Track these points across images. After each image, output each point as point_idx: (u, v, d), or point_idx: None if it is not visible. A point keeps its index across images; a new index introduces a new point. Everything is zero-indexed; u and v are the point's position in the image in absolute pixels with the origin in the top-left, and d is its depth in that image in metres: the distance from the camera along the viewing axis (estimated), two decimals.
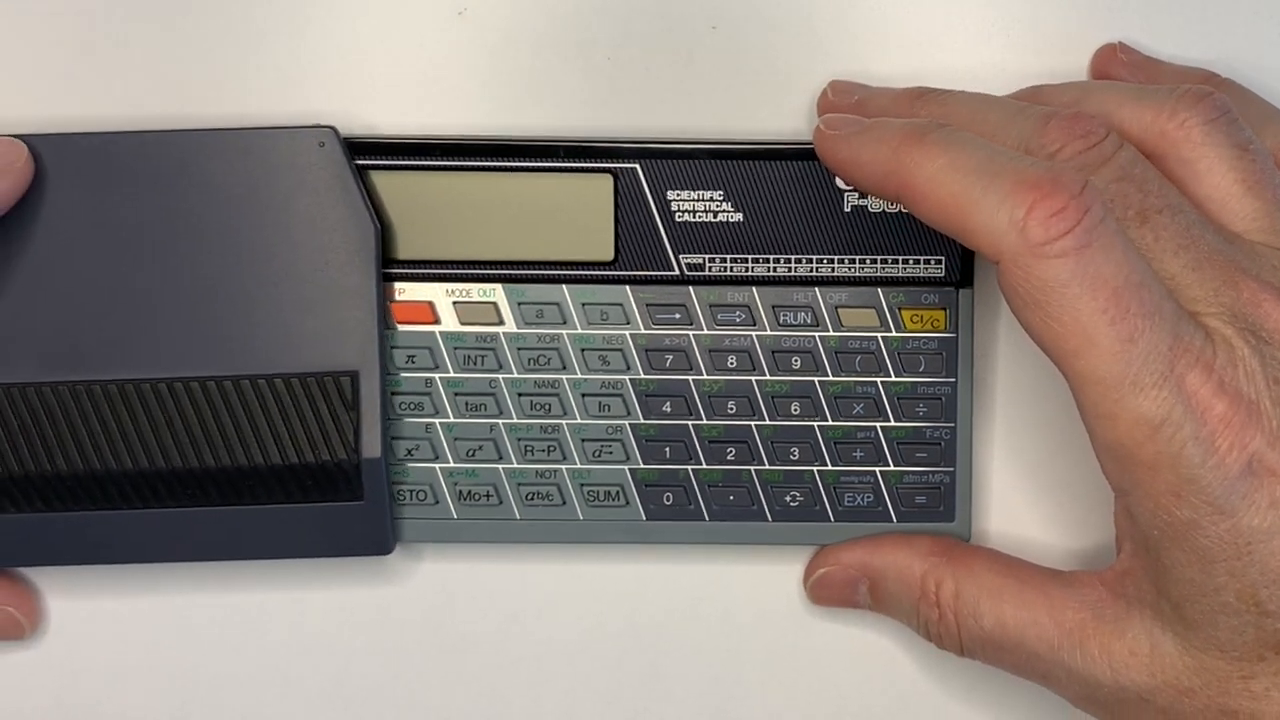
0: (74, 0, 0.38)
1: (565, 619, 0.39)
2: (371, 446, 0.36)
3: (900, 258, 0.37)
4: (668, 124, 0.38)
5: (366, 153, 0.37)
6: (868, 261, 0.37)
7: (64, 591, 0.39)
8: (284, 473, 0.36)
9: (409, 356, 0.38)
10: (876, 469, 0.38)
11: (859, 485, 0.38)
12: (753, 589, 0.39)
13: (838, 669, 0.39)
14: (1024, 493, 0.39)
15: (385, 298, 0.37)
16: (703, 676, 0.39)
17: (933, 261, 0.37)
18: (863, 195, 0.37)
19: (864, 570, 0.38)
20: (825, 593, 0.38)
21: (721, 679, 0.39)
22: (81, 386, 0.36)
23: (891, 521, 0.38)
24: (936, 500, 0.38)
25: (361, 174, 0.36)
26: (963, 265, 0.38)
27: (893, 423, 0.38)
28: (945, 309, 0.38)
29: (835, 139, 0.35)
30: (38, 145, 0.36)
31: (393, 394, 0.37)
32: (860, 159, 0.34)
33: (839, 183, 0.37)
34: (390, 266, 0.37)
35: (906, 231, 0.37)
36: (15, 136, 0.36)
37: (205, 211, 0.36)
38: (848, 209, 0.37)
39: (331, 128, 0.36)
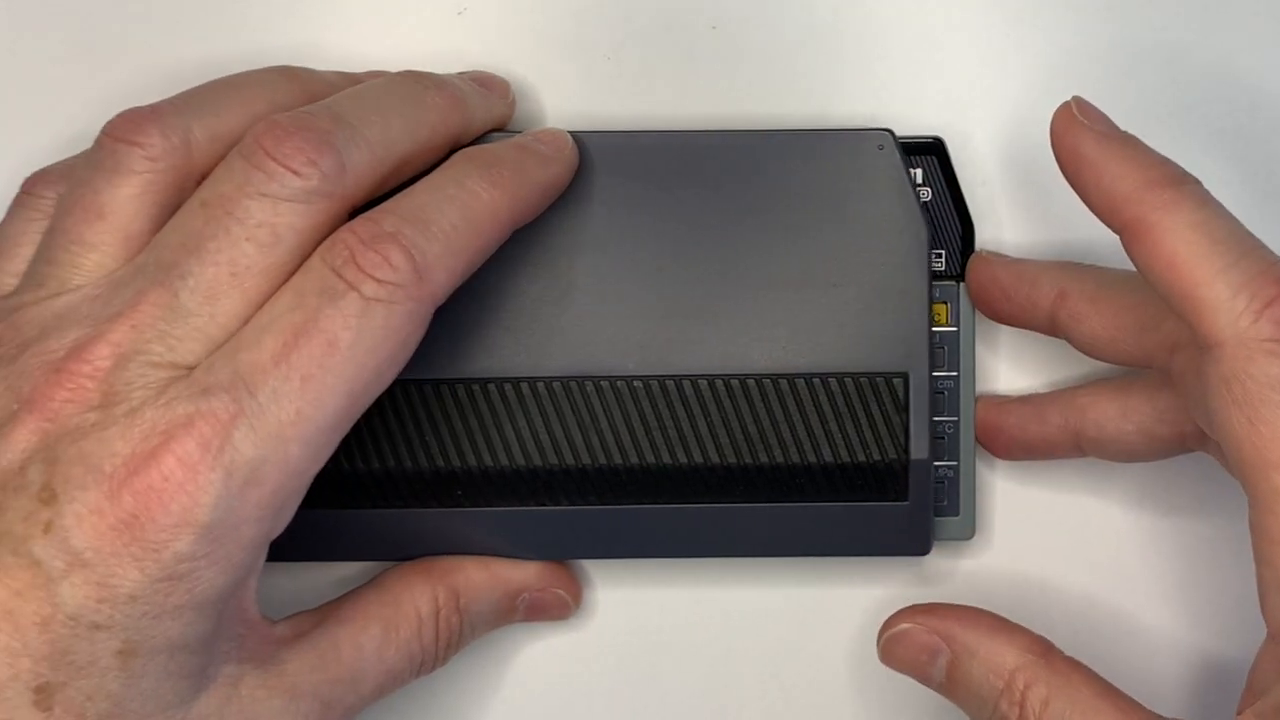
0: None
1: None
2: (919, 448, 0.36)
3: None
4: (667, 124, 0.38)
5: None
6: None
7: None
8: (833, 471, 0.36)
9: None
10: None
11: None
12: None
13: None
14: (1027, 485, 0.39)
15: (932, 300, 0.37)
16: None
17: (933, 256, 0.37)
18: None
19: (950, 640, 0.34)
20: (900, 651, 0.35)
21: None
22: (632, 382, 0.36)
23: None
24: (939, 495, 0.38)
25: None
26: (963, 260, 0.38)
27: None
28: (946, 303, 0.38)
29: (1085, 130, 0.33)
30: (587, 141, 0.36)
31: None
32: (1108, 168, 0.32)
33: None
34: None
35: None
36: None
37: (764, 211, 0.36)
38: None
39: (889, 130, 0.36)
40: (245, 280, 0.30)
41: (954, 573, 0.39)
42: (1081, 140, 0.32)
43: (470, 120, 0.35)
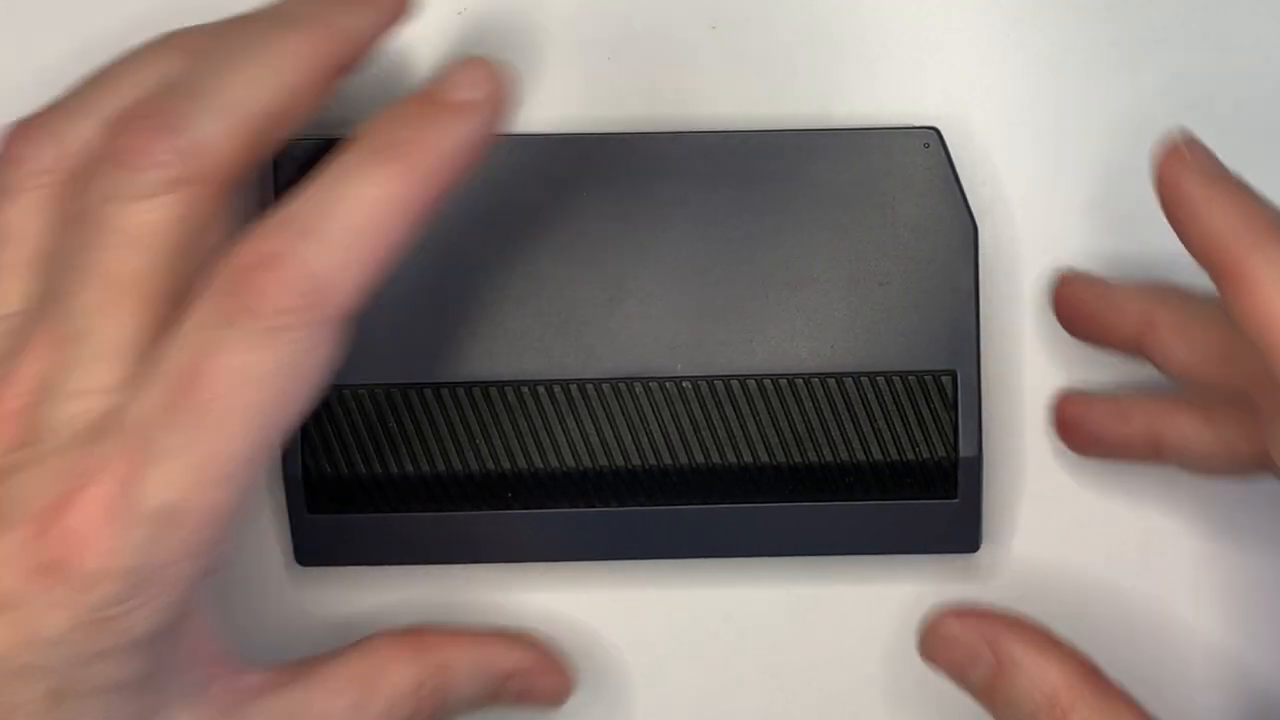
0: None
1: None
2: (969, 445, 0.36)
3: None
4: (668, 124, 0.38)
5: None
6: None
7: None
8: (882, 470, 0.36)
9: None
10: None
11: None
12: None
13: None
14: (1027, 480, 0.39)
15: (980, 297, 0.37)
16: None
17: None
18: None
19: (997, 648, 0.33)
20: (944, 650, 0.34)
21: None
22: (681, 383, 0.36)
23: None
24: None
25: None
26: None
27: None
28: None
29: (1189, 171, 0.31)
30: (632, 144, 0.37)
31: None
32: (1209, 211, 0.30)
33: None
34: None
35: None
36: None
37: (810, 210, 0.36)
38: None
39: (935, 129, 0.37)
40: (132, 290, 0.29)
41: (961, 572, 0.39)
42: (1182, 179, 0.31)
43: (344, 41, 0.32)
